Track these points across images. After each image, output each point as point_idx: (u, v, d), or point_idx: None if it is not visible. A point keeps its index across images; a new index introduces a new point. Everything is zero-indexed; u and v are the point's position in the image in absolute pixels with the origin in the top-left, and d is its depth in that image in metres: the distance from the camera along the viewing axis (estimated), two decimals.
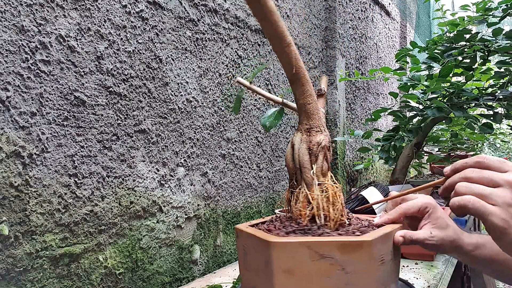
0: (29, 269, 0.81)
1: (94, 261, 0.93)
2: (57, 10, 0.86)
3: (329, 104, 2.10)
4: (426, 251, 1.24)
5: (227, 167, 1.37)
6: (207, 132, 1.28)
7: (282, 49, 0.60)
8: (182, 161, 1.18)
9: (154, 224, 1.09)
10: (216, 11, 1.32)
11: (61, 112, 0.87)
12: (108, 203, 0.97)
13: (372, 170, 2.76)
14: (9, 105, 0.79)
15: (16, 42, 0.80)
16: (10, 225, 0.78)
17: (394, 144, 1.58)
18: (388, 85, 3.14)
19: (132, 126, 1.03)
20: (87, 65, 0.92)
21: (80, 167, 0.91)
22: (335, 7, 2.12)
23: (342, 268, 0.54)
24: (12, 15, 0.79)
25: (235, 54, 1.41)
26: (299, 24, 1.84)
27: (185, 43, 1.19)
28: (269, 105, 1.58)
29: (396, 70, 1.63)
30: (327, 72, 2.12)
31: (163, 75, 1.12)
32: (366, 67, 2.66)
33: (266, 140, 1.59)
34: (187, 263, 1.20)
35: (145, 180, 1.06)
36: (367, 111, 2.67)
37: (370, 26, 2.76)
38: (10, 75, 0.79)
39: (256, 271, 0.61)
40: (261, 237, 0.59)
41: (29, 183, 0.81)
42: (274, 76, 1.64)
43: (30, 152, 0.82)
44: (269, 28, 0.58)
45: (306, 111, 0.64)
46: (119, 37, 1.00)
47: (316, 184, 0.63)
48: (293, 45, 0.60)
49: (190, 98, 1.21)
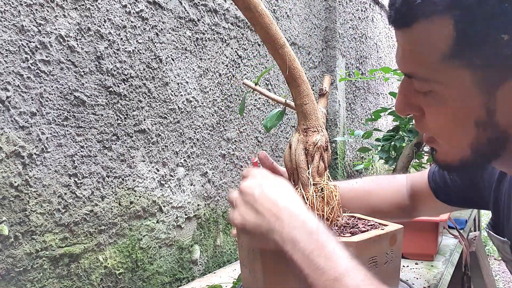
0: (29, 269, 0.81)
1: (94, 261, 0.93)
2: (57, 10, 0.86)
3: (329, 104, 2.10)
4: (426, 251, 1.24)
5: (227, 167, 1.37)
6: (207, 132, 1.28)
7: (276, 51, 0.60)
8: (182, 161, 1.18)
9: (154, 224, 1.09)
10: (216, 11, 1.32)
11: (61, 112, 0.87)
12: (108, 203, 0.97)
13: (372, 170, 2.76)
14: (9, 105, 0.79)
15: (16, 42, 0.79)
16: (10, 225, 0.78)
17: (394, 144, 1.58)
18: (388, 85, 3.14)
19: (132, 126, 1.03)
20: (87, 65, 0.92)
21: (80, 167, 0.91)
22: (335, 7, 2.12)
23: None
24: (12, 15, 0.79)
25: (235, 54, 1.41)
26: (299, 24, 1.84)
27: (185, 43, 1.19)
28: (269, 105, 1.58)
29: (396, 70, 1.63)
30: (327, 72, 2.12)
31: (163, 75, 1.12)
32: (366, 67, 2.66)
33: (266, 140, 1.59)
34: (187, 263, 1.20)
35: (145, 180, 1.06)
36: (367, 111, 2.67)
37: (370, 26, 2.76)
38: (10, 75, 0.79)
39: (251, 268, 0.62)
40: None
41: (29, 183, 0.81)
42: (274, 76, 1.64)
43: (30, 152, 0.82)
44: (262, 31, 0.59)
45: (303, 112, 0.65)
46: (119, 37, 1.00)
47: (311, 184, 0.63)
48: (287, 46, 0.61)
49: (190, 98, 1.21)
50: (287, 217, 0.51)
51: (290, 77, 0.63)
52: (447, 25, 0.43)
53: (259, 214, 0.52)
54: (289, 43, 1.52)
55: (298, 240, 0.49)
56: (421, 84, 0.49)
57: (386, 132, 1.67)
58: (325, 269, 0.46)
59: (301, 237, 0.49)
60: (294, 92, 0.64)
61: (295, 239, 0.49)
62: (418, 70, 0.48)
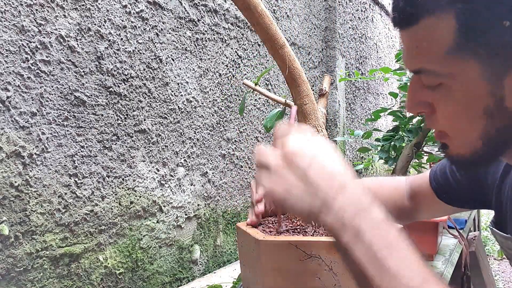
0: (29, 269, 0.81)
1: (94, 261, 0.93)
2: (57, 10, 0.87)
3: (329, 104, 2.10)
4: (426, 251, 1.24)
5: (227, 167, 1.37)
6: (207, 132, 1.28)
7: (276, 51, 0.61)
8: (182, 161, 1.18)
9: (154, 224, 1.09)
10: (216, 11, 1.32)
11: (61, 112, 0.87)
12: (108, 203, 0.97)
13: (372, 170, 2.76)
14: (9, 105, 0.79)
15: (16, 42, 0.80)
16: (10, 225, 0.78)
17: (394, 144, 1.58)
18: (388, 85, 3.15)
19: (132, 126, 1.03)
20: (87, 65, 0.92)
21: (80, 167, 0.91)
22: (335, 7, 2.13)
23: (330, 268, 0.55)
24: (12, 15, 0.79)
25: (235, 54, 1.41)
26: (299, 24, 1.84)
27: (185, 43, 1.20)
28: (269, 105, 1.58)
29: (396, 70, 1.63)
30: (327, 72, 2.12)
31: (163, 75, 1.12)
32: (366, 67, 2.66)
33: (266, 140, 1.60)
34: (187, 263, 1.20)
35: (145, 180, 1.06)
36: (367, 111, 2.67)
37: (370, 26, 2.76)
38: (10, 75, 0.79)
39: (250, 267, 0.62)
40: (252, 234, 0.59)
41: (29, 183, 0.81)
42: (274, 76, 1.64)
43: (30, 152, 0.82)
44: (262, 31, 0.59)
45: (303, 112, 0.65)
46: (119, 37, 1.00)
47: None
48: (287, 46, 0.61)
49: (190, 98, 1.21)
50: (348, 198, 0.41)
51: (290, 77, 0.63)
52: (450, 19, 0.44)
53: (310, 186, 0.42)
54: (289, 43, 1.53)
55: (363, 230, 0.40)
56: (429, 78, 0.50)
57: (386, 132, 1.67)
58: (397, 276, 0.38)
59: (367, 227, 0.40)
60: (294, 92, 0.65)
61: (358, 228, 0.40)
62: (425, 65, 0.49)
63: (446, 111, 0.50)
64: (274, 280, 0.56)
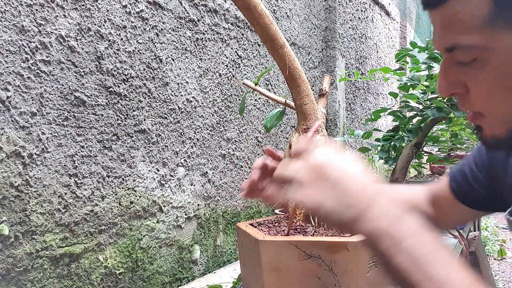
0: (29, 269, 0.81)
1: (94, 261, 0.93)
2: (57, 10, 0.87)
3: (329, 104, 2.10)
4: None
5: (227, 167, 1.37)
6: (207, 132, 1.28)
7: (276, 51, 0.61)
8: (182, 161, 1.18)
9: (154, 224, 1.09)
10: (216, 11, 1.32)
11: (61, 112, 0.87)
12: (108, 203, 0.97)
13: (372, 170, 2.76)
14: (9, 105, 0.79)
15: (16, 42, 0.80)
16: (10, 225, 0.78)
17: (394, 144, 1.58)
18: (388, 85, 3.15)
19: (132, 126, 1.03)
20: (87, 65, 0.92)
21: (80, 167, 0.91)
22: (335, 7, 2.13)
23: (329, 268, 0.55)
24: (12, 15, 0.79)
25: (235, 54, 1.41)
26: (299, 24, 1.84)
27: (185, 43, 1.20)
28: (269, 105, 1.58)
29: (396, 70, 1.63)
30: (327, 72, 2.12)
31: (163, 75, 1.12)
32: (366, 67, 2.66)
33: (266, 140, 1.60)
34: (187, 263, 1.20)
35: (145, 180, 1.06)
36: (367, 111, 2.67)
37: (370, 26, 2.76)
38: (10, 75, 0.79)
39: (250, 267, 0.62)
40: (252, 234, 0.59)
41: (29, 183, 0.81)
42: (274, 76, 1.64)
43: (30, 152, 0.82)
44: (262, 31, 0.59)
45: (303, 112, 0.65)
46: (119, 37, 1.00)
47: None
48: (287, 46, 0.61)
49: (190, 98, 1.21)
50: (384, 206, 0.42)
51: (290, 77, 0.63)
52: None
53: (343, 197, 0.43)
54: (289, 43, 1.53)
55: (403, 237, 0.40)
56: (464, 54, 0.48)
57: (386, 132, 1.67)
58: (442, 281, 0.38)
59: (406, 234, 0.41)
60: (294, 92, 0.65)
61: (397, 235, 0.40)
62: (460, 40, 0.47)
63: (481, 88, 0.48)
64: (274, 280, 0.56)
